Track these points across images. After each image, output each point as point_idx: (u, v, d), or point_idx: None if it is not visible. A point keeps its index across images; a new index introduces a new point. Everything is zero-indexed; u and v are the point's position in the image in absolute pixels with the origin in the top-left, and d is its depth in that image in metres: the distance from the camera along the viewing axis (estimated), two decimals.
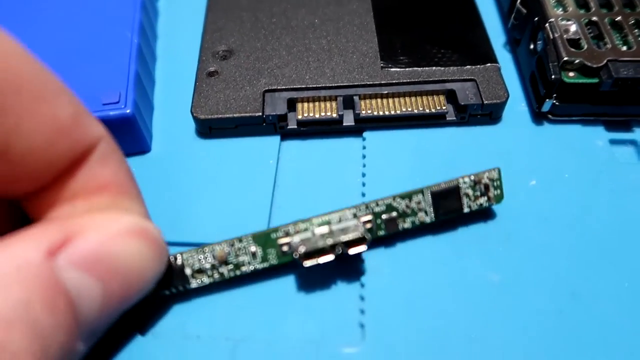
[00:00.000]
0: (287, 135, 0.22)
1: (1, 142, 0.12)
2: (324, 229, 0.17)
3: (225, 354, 0.16)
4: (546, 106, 0.21)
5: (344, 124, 0.21)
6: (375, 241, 0.18)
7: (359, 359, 0.16)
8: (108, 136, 0.15)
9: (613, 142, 0.21)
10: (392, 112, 0.21)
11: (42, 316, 0.11)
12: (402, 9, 0.24)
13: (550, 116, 0.21)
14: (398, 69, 0.22)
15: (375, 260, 0.18)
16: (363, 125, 0.22)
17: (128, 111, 0.19)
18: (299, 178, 0.21)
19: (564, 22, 0.21)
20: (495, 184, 0.18)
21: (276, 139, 0.22)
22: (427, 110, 0.21)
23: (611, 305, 0.17)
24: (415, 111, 0.21)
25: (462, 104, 0.21)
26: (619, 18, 0.21)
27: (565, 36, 0.21)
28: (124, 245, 0.14)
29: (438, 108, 0.21)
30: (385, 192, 0.18)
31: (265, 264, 0.17)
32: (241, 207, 0.19)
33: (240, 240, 0.17)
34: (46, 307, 0.11)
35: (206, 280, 0.17)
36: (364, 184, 0.20)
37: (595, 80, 0.20)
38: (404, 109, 0.21)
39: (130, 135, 0.20)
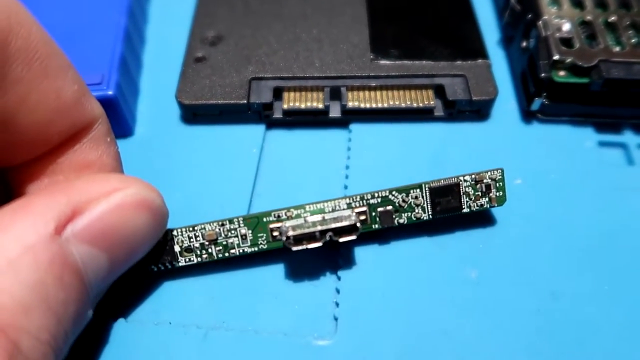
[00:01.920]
0: (272, 124, 0.22)
1: (7, 112, 0.12)
2: (317, 217, 0.16)
3: (196, 342, 0.16)
4: (535, 105, 0.21)
5: (330, 115, 0.21)
6: (364, 235, 0.18)
7: (330, 352, 0.16)
8: (105, 117, 0.15)
9: (602, 143, 0.21)
10: (380, 105, 0.21)
11: (55, 293, 0.12)
12: (395, 1, 0.24)
13: (539, 115, 0.21)
14: (387, 62, 0.22)
15: (352, 253, 0.18)
16: (349, 117, 0.21)
17: (110, 93, 0.19)
18: (281, 167, 0.20)
19: (557, 20, 0.21)
20: (497, 184, 0.17)
21: (261, 127, 0.21)
22: (415, 105, 0.21)
23: (590, 307, 0.17)
24: (403, 105, 0.21)
25: (450, 99, 0.21)
26: (613, 18, 0.21)
27: (557, 35, 0.20)
28: (130, 216, 0.14)
29: (426, 102, 0.21)
30: (367, 185, 0.18)
31: (255, 248, 0.17)
32: (222, 194, 0.19)
33: (231, 221, 0.16)
34: (59, 284, 0.12)
35: (194, 259, 0.17)
36: (346, 176, 0.20)
37: (586, 80, 0.20)
38: (391, 102, 0.21)
39: (113, 117, 0.19)
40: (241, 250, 0.17)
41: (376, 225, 0.17)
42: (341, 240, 0.16)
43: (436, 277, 0.17)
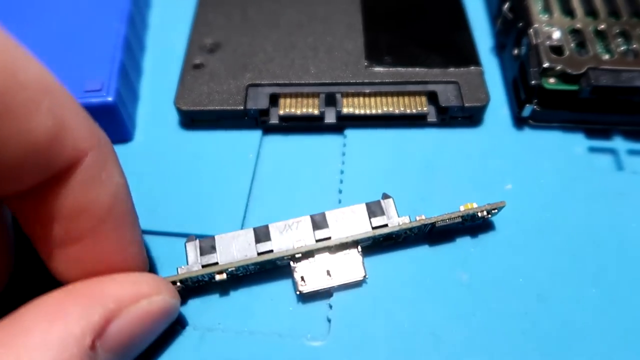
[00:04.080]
0: (268, 130, 0.22)
1: None
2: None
3: (193, 343, 0.16)
4: (526, 111, 0.21)
5: (325, 121, 0.22)
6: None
7: (323, 353, 0.16)
8: (101, 148, 0.13)
9: (592, 149, 0.21)
10: (374, 111, 0.21)
11: None
12: (390, 10, 0.25)
13: (530, 121, 0.22)
14: (382, 69, 0.22)
15: None
16: (344, 123, 0.22)
17: (110, 99, 0.19)
18: (278, 172, 0.21)
19: (547, 29, 0.21)
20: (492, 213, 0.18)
21: (258, 133, 0.22)
22: (409, 111, 0.21)
23: (576, 309, 0.17)
24: (397, 111, 0.21)
25: (443, 105, 0.21)
26: (603, 26, 0.21)
27: (547, 42, 0.21)
28: (152, 324, 0.15)
29: (419, 109, 0.21)
30: (361, 190, 0.19)
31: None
32: (219, 199, 0.20)
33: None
34: None
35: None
36: (341, 181, 0.20)
37: (575, 88, 0.20)
38: (385, 109, 0.21)
39: (112, 123, 0.20)
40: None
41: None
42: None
43: (428, 280, 0.18)
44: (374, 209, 0.18)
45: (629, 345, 0.16)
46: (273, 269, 0.18)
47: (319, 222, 0.18)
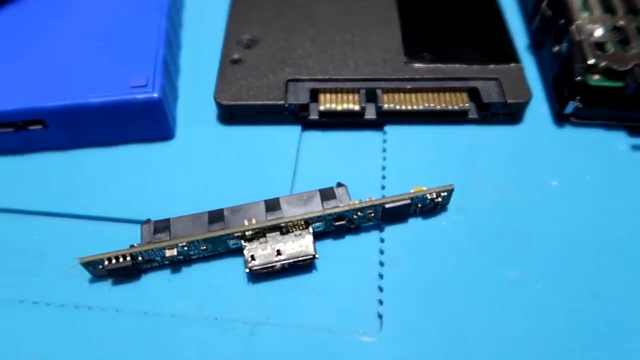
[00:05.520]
0: (308, 125, 0.22)
1: None
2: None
3: (243, 337, 0.16)
4: (569, 108, 0.21)
5: (365, 117, 0.21)
6: (392, 233, 0.18)
7: (376, 348, 0.16)
8: None
9: (635, 147, 0.21)
10: (415, 107, 0.21)
11: None
12: (425, 6, 0.24)
13: (572, 119, 0.21)
14: (422, 65, 0.22)
15: (394, 252, 0.18)
16: (384, 119, 0.22)
17: (155, 95, 0.19)
18: (318, 168, 0.21)
19: (589, 26, 0.21)
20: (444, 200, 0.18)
21: (297, 128, 0.22)
22: (450, 107, 0.21)
23: (631, 306, 0.17)
24: (438, 107, 0.21)
25: (486, 102, 0.21)
26: None
27: (590, 39, 0.21)
28: None
29: (461, 105, 0.21)
30: (405, 186, 0.19)
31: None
32: (261, 194, 0.19)
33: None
34: None
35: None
36: (384, 177, 0.20)
37: (620, 84, 0.20)
38: (426, 105, 0.21)
39: (156, 120, 0.20)
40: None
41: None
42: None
43: (476, 276, 0.17)
44: (327, 194, 0.18)
45: None
46: (227, 253, 0.18)
47: (271, 205, 0.18)
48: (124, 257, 0.17)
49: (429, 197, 0.18)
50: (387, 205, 0.18)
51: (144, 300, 0.17)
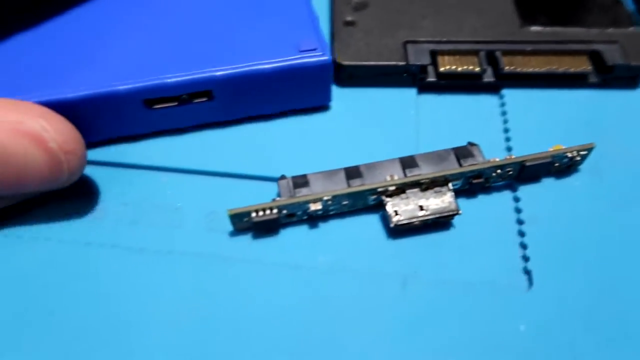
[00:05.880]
0: (424, 88, 0.22)
1: None
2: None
3: (396, 290, 0.16)
4: None
5: (483, 80, 0.21)
6: (527, 192, 0.18)
7: (530, 303, 0.16)
8: None
9: None
10: (535, 70, 0.21)
11: None
12: None
13: None
14: (538, 28, 0.22)
15: (532, 211, 0.18)
16: (502, 82, 0.21)
17: (326, 58, 0.18)
18: (438, 130, 0.20)
19: None
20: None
21: (413, 91, 0.21)
22: (572, 69, 0.21)
23: None
24: (560, 70, 0.21)
25: (610, 64, 0.21)
26: None
27: None
28: (20, 143, 0.15)
29: (582, 68, 0.21)
30: (531, 148, 0.18)
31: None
32: (387, 154, 0.19)
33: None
34: None
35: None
36: (507, 139, 0.20)
37: None
38: (547, 67, 0.21)
39: (322, 85, 0.19)
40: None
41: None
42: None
43: (620, 235, 0.17)
44: (462, 152, 0.18)
45: None
46: (363, 209, 0.18)
47: (408, 162, 0.18)
48: (271, 209, 0.17)
49: (569, 155, 0.18)
50: (527, 163, 0.18)
51: (286, 253, 0.17)
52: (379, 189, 0.17)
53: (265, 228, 0.17)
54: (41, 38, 0.19)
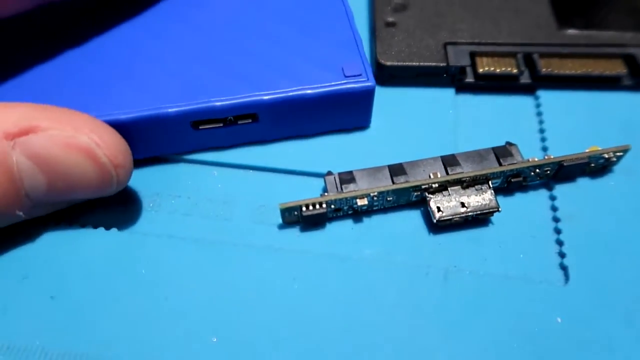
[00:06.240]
0: (462, 88, 0.22)
1: None
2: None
3: (438, 282, 0.17)
4: None
5: (520, 81, 0.22)
6: (563, 191, 0.19)
7: (566, 297, 0.17)
8: None
9: None
10: (571, 72, 0.22)
11: None
12: None
13: None
14: (575, 31, 0.22)
15: (568, 209, 0.19)
16: (538, 83, 0.22)
17: (370, 84, 0.19)
18: (477, 130, 0.21)
19: None
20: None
21: (451, 91, 0.22)
22: (606, 72, 0.21)
23: None
24: (595, 72, 0.21)
25: None
26: None
27: None
28: (73, 156, 0.15)
29: (617, 71, 0.21)
30: (567, 148, 0.19)
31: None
32: (428, 152, 0.20)
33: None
34: None
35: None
36: (543, 139, 0.21)
37: None
38: (583, 70, 0.22)
39: (364, 108, 0.20)
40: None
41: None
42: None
43: None
44: (501, 152, 0.19)
45: None
46: (405, 205, 0.19)
47: (449, 161, 0.19)
48: (320, 204, 0.18)
49: (605, 156, 0.19)
50: (565, 163, 0.18)
51: (333, 245, 0.18)
52: (423, 186, 0.18)
53: (313, 222, 0.18)
54: (95, 59, 0.19)
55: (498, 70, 0.22)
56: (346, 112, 0.20)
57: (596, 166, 0.19)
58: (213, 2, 0.21)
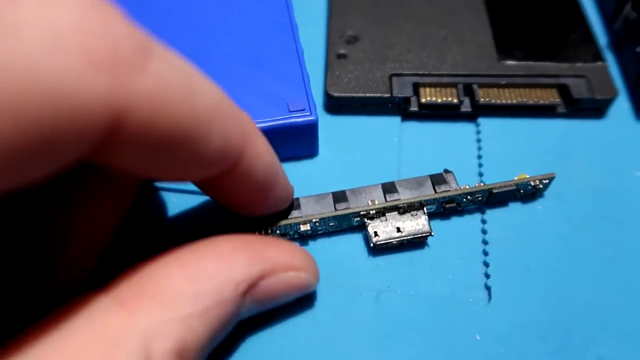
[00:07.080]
0: (407, 116, 0.24)
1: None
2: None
3: (370, 302, 0.19)
4: None
5: (461, 110, 0.24)
6: (494, 216, 0.20)
7: (487, 315, 0.18)
8: (252, 143, 0.15)
9: None
10: (508, 101, 0.23)
11: (216, 327, 0.14)
12: (511, 4, 0.26)
13: None
14: (513, 62, 0.24)
15: (496, 233, 0.20)
16: (479, 111, 0.24)
17: (313, 118, 0.20)
18: (419, 155, 0.23)
19: None
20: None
21: (397, 119, 0.24)
22: (541, 102, 0.23)
23: None
24: (530, 102, 0.23)
25: (576, 97, 0.23)
26: None
27: None
28: (291, 293, 0.17)
29: (551, 100, 0.23)
30: (501, 174, 0.21)
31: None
32: (372, 178, 0.21)
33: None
34: (221, 325, 0.14)
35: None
36: (480, 165, 0.22)
37: None
38: (519, 99, 0.23)
39: (309, 140, 0.21)
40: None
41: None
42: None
43: (575, 256, 0.19)
44: (437, 179, 0.20)
45: None
46: (348, 229, 0.20)
47: (389, 188, 0.20)
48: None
49: (532, 183, 0.20)
50: (494, 191, 0.20)
51: None
52: (362, 212, 0.20)
53: None
54: None
55: (440, 100, 0.23)
56: (293, 144, 0.21)
57: (526, 192, 0.21)
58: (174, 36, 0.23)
